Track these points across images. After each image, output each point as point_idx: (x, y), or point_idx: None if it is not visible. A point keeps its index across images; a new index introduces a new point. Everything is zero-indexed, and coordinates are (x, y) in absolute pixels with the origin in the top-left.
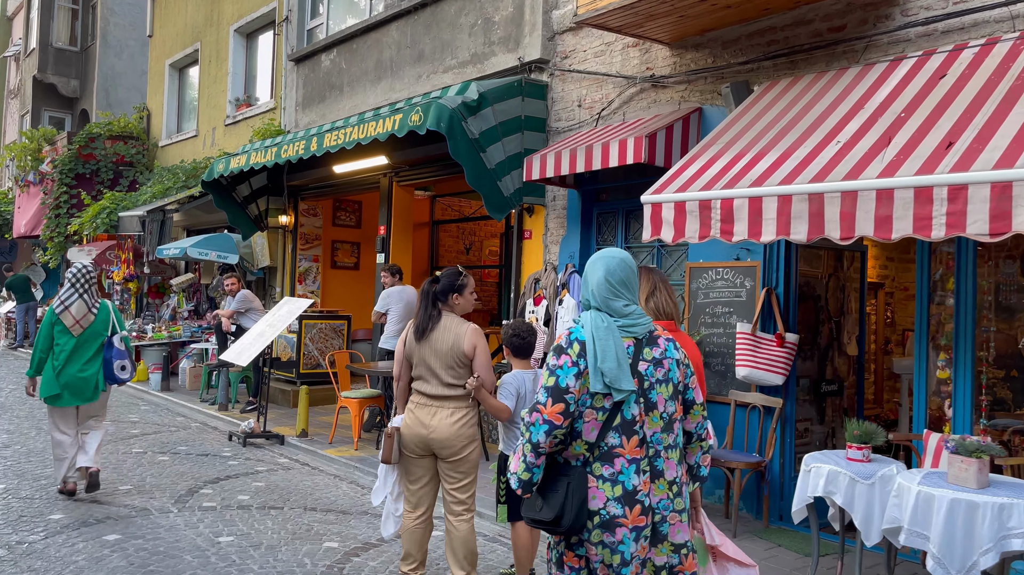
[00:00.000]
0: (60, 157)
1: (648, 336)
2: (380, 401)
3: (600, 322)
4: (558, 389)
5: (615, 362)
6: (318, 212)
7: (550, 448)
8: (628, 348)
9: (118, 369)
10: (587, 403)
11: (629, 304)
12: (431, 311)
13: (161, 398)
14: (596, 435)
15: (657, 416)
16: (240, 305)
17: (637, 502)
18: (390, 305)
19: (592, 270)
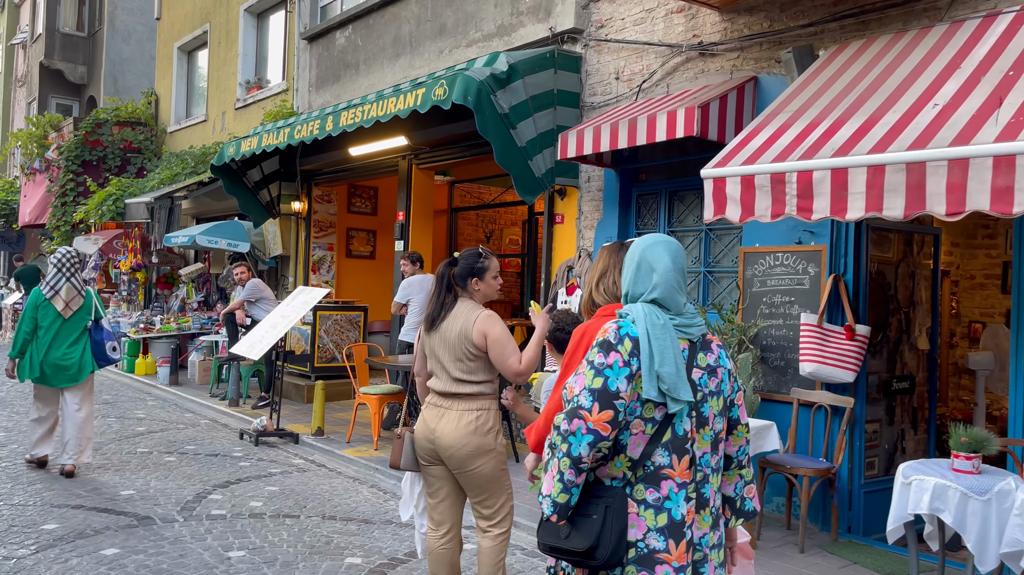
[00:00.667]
0: (66, 144)
1: (702, 340)
2: (401, 397)
3: (656, 318)
4: (607, 393)
5: (673, 365)
6: (332, 198)
7: (592, 464)
8: (684, 352)
9: (109, 350)
10: (636, 412)
11: (686, 302)
12: (445, 297)
13: (169, 393)
14: (641, 451)
15: (708, 433)
16: (250, 294)
17: (683, 535)
18: (411, 295)
19: (653, 257)
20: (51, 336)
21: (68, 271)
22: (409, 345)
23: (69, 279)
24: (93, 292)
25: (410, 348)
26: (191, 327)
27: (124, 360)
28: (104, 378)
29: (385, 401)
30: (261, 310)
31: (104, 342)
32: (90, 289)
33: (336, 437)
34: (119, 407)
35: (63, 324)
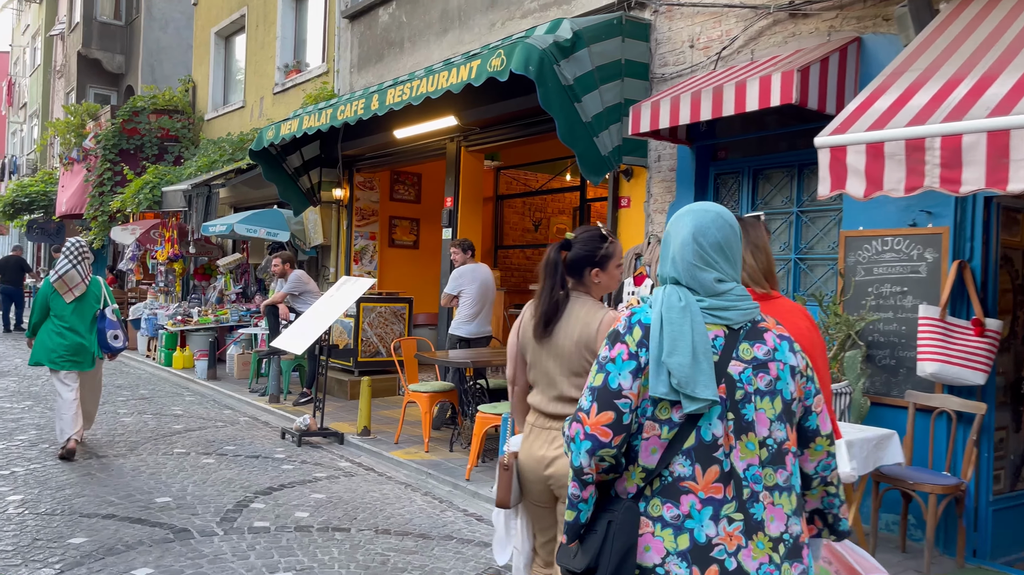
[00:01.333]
0: (103, 132)
1: (750, 327)
2: (453, 395)
3: (675, 299)
4: (607, 391)
5: (689, 355)
6: (375, 185)
7: (598, 476)
8: (715, 340)
9: (111, 338)
10: (648, 412)
11: (724, 279)
12: (558, 293)
13: (207, 387)
14: (658, 460)
15: (754, 442)
16: (293, 287)
17: (713, 562)
18: (462, 286)
19: (675, 229)
20: (63, 323)
21: (75, 259)
22: (460, 339)
23: (75, 266)
24: (102, 281)
25: (461, 342)
26: (229, 319)
27: (162, 353)
28: (141, 371)
29: (436, 400)
30: (305, 304)
31: (107, 330)
32: (98, 278)
33: (383, 437)
34: (156, 403)
35: (74, 312)
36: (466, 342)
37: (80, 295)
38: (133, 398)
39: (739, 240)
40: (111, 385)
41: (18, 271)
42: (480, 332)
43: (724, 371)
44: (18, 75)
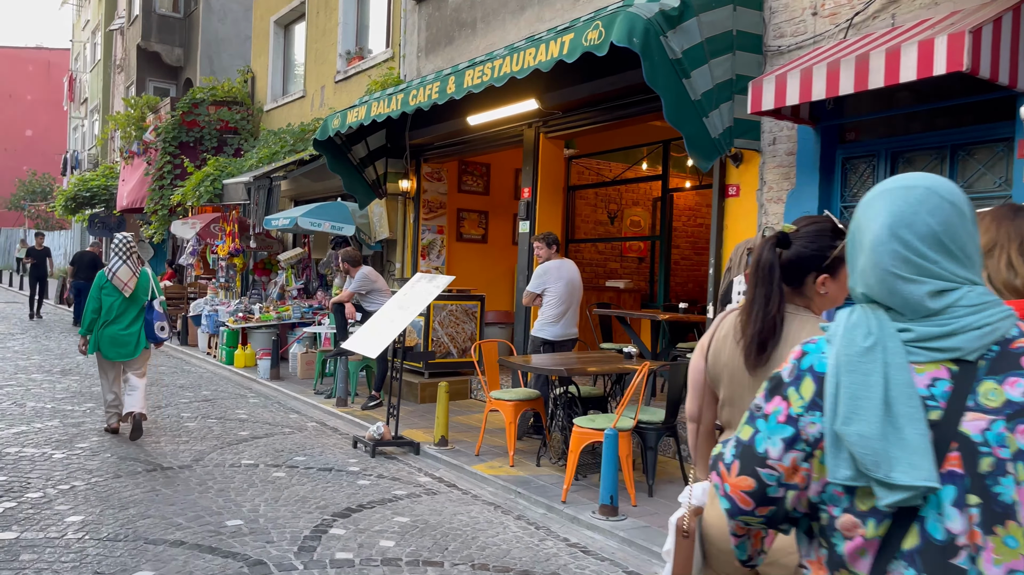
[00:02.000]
0: (163, 125)
1: (997, 353)
2: (539, 404)
3: (859, 335)
4: (751, 453)
5: (878, 420)
6: (443, 176)
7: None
8: (934, 386)
9: (158, 329)
10: (842, 502)
11: (947, 290)
12: (774, 306)
13: (271, 388)
14: (870, 567)
15: (1020, 535)
16: (360, 285)
17: None
18: (547, 284)
19: (864, 219)
20: (114, 315)
21: (125, 255)
22: (544, 342)
23: (125, 262)
24: (151, 274)
25: (545, 346)
26: (291, 316)
27: (223, 351)
28: (202, 370)
29: (521, 409)
30: (373, 303)
31: (154, 322)
32: (147, 270)
33: (461, 447)
34: (219, 405)
35: (124, 304)
36: (550, 345)
37: (134, 287)
38: (196, 399)
39: (970, 223)
40: (173, 385)
41: (91, 267)
42: (566, 334)
43: (954, 432)
44: (79, 71)
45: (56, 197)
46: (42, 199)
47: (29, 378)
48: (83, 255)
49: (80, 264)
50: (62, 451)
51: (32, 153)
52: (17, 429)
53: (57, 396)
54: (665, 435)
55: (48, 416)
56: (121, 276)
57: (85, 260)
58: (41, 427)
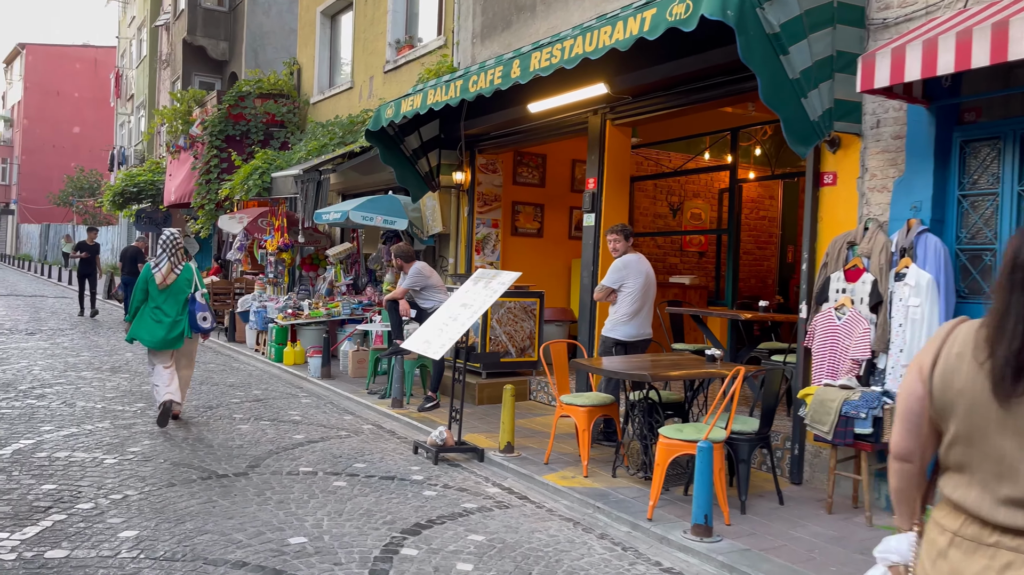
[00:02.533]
0: (209, 118)
1: None
2: (613, 410)
3: None
4: None
5: None
6: (498, 167)
7: None
8: None
9: (200, 319)
10: None
11: None
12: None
13: (322, 387)
14: None
15: None
16: (415, 281)
17: None
18: (625, 279)
19: None
20: (159, 306)
21: (170, 251)
22: (617, 342)
23: (169, 258)
24: (194, 267)
25: (618, 347)
26: (341, 313)
27: (272, 348)
28: (251, 368)
29: (595, 415)
30: (428, 299)
31: (197, 312)
32: (190, 264)
33: (528, 454)
34: (271, 406)
35: (169, 295)
36: (623, 346)
37: (172, 281)
38: (247, 399)
39: None
40: (223, 384)
41: (133, 261)
42: (640, 334)
43: None
44: (125, 67)
45: (103, 193)
46: (90, 195)
47: (79, 376)
48: (127, 250)
49: (124, 259)
50: (113, 456)
51: (80, 150)
52: (67, 431)
53: (107, 395)
54: (758, 447)
55: (98, 417)
56: (163, 270)
57: (128, 255)
58: (92, 429)
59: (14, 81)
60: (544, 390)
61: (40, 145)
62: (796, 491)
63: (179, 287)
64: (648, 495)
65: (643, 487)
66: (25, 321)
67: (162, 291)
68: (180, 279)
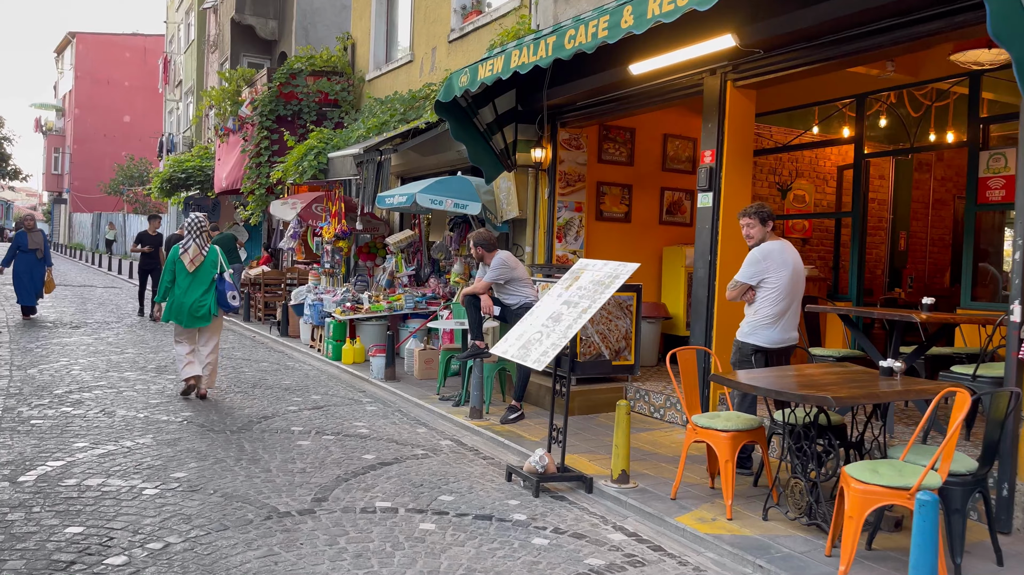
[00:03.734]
0: (259, 97)
1: None
2: (759, 435)
3: None
4: None
5: None
6: (582, 143)
7: None
8: None
9: (229, 298)
10: None
11: None
12: None
13: (388, 391)
14: None
15: None
16: (499, 274)
17: None
18: (767, 272)
19: None
20: (187, 286)
21: (196, 234)
22: (757, 350)
23: (195, 240)
24: (218, 250)
25: (758, 354)
26: (403, 306)
27: (329, 345)
28: (308, 367)
29: (741, 442)
30: (511, 294)
31: (226, 292)
32: (215, 247)
33: (646, 484)
34: (333, 415)
35: (195, 277)
36: (764, 354)
37: (199, 263)
38: (305, 406)
39: None
40: (277, 387)
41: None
42: (786, 339)
43: None
44: (173, 53)
45: (151, 180)
46: (140, 183)
47: (121, 377)
48: (170, 239)
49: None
50: (154, 484)
51: (130, 139)
52: (103, 449)
53: (151, 402)
54: (975, 491)
55: (140, 430)
56: (191, 253)
57: (171, 244)
58: (131, 446)
59: (65, 70)
60: (645, 399)
61: (91, 134)
62: (1006, 544)
63: (206, 268)
64: (818, 544)
65: (809, 535)
66: (71, 313)
67: (190, 272)
68: (207, 261)
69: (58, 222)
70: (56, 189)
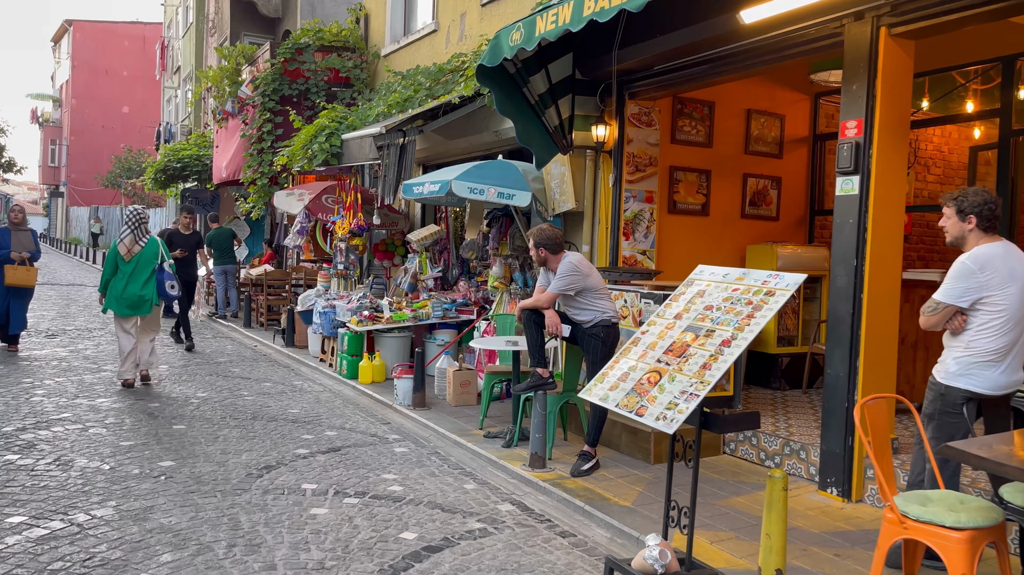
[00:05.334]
0: (261, 75)
1: None
2: (999, 533)
3: None
4: None
5: None
6: (654, 119)
7: None
8: None
9: (168, 288)
10: None
11: None
12: None
13: (418, 423)
14: None
15: None
16: (570, 282)
17: None
18: (987, 289)
19: None
20: (127, 276)
21: (133, 225)
22: (971, 397)
23: (133, 231)
24: (159, 241)
25: (970, 403)
26: (431, 315)
27: (343, 361)
28: (318, 387)
29: (982, 544)
30: (584, 308)
31: (164, 282)
32: (156, 238)
33: None
34: (354, 461)
35: (136, 267)
36: (975, 402)
37: (139, 254)
38: (319, 447)
39: None
40: (283, 418)
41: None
42: (1012, 383)
43: None
44: (171, 38)
45: (145, 170)
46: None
47: (92, 405)
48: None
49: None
50: None
51: (129, 130)
52: (44, 529)
53: (122, 443)
54: None
55: (101, 492)
56: (127, 243)
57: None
58: (84, 523)
59: (62, 60)
60: (751, 440)
61: (89, 126)
62: None
63: (145, 259)
64: None
65: None
66: (50, 318)
67: (129, 262)
68: (146, 251)
69: (55, 216)
70: (53, 182)
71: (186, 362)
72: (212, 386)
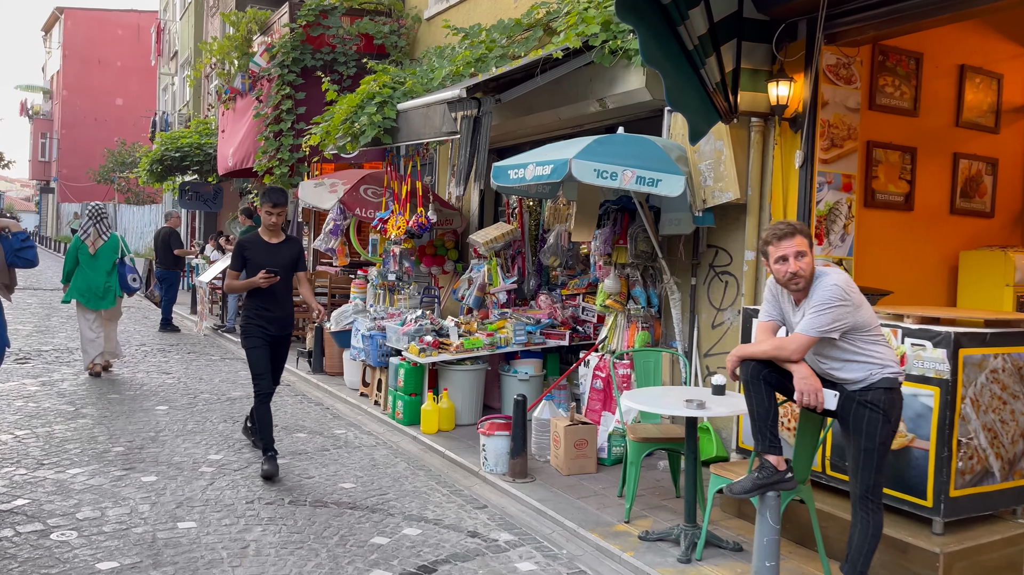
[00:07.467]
0: (279, 41)
1: None
2: None
3: None
4: None
5: None
6: (854, 73)
7: None
8: None
9: (130, 280)
10: None
11: None
12: None
13: (529, 509)
14: None
15: None
16: (836, 316)
17: None
18: None
19: None
20: (89, 269)
21: (95, 220)
22: None
23: (95, 225)
24: (119, 236)
25: None
26: (511, 340)
27: (400, 402)
28: (363, 442)
29: None
30: (855, 359)
31: (126, 275)
32: (115, 232)
33: None
34: None
35: (97, 261)
36: None
37: (100, 247)
38: (402, 568)
39: None
40: (333, 500)
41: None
42: None
43: None
44: (168, 21)
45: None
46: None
47: (59, 481)
48: (159, 232)
49: (156, 243)
50: None
51: (123, 123)
52: None
53: (99, 566)
54: None
55: None
56: (90, 236)
57: (160, 238)
58: None
59: (52, 49)
60: None
61: (81, 118)
62: None
63: (107, 253)
64: None
65: None
66: (25, 334)
67: (92, 256)
68: (107, 246)
69: (45, 213)
70: (43, 177)
71: (192, 398)
72: (226, 440)
